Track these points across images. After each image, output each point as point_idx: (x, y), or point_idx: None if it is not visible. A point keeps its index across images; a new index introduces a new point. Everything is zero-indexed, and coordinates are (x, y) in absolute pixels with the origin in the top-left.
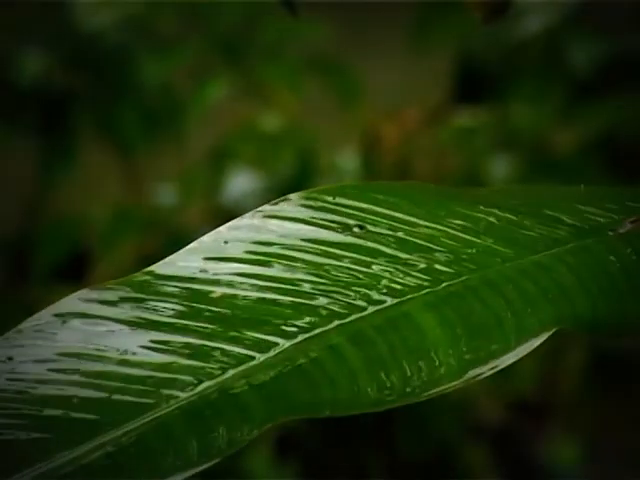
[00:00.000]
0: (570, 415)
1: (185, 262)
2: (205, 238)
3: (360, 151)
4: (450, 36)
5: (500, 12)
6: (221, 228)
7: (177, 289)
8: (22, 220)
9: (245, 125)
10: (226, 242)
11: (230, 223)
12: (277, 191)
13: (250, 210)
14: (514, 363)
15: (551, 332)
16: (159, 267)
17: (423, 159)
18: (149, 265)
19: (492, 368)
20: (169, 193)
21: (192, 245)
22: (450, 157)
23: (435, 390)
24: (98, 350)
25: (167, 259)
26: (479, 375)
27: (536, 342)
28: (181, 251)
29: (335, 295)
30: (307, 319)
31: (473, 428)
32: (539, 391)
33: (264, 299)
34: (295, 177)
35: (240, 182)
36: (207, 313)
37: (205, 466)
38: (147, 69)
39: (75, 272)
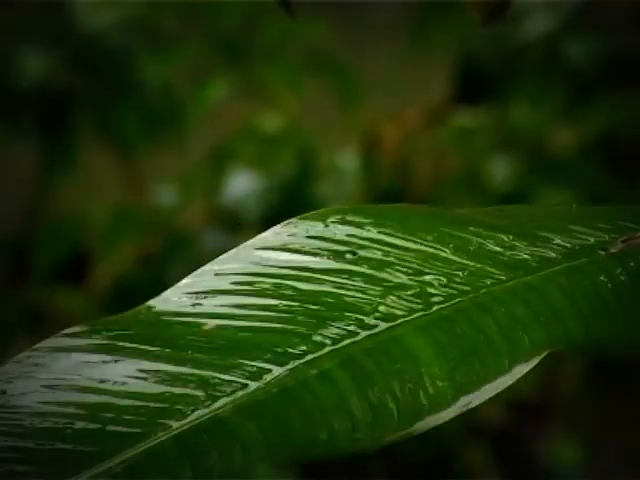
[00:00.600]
0: (570, 415)
1: (177, 297)
2: (197, 272)
3: (360, 151)
4: (450, 36)
5: (499, 12)
6: (213, 261)
7: (170, 323)
8: (22, 220)
9: (245, 125)
10: (217, 275)
11: (222, 256)
12: (277, 192)
13: (250, 211)
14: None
15: (543, 355)
16: (152, 302)
17: (423, 159)
18: (148, 265)
19: (485, 394)
20: (169, 193)
21: (185, 280)
22: (450, 157)
23: (429, 423)
24: (91, 381)
25: (160, 295)
26: (472, 402)
27: (527, 366)
28: (174, 286)
29: (327, 322)
30: (300, 346)
31: (473, 428)
32: (539, 391)
33: (256, 328)
34: (295, 177)
35: (240, 182)
36: (199, 344)
37: None
38: (147, 69)
39: (75, 272)
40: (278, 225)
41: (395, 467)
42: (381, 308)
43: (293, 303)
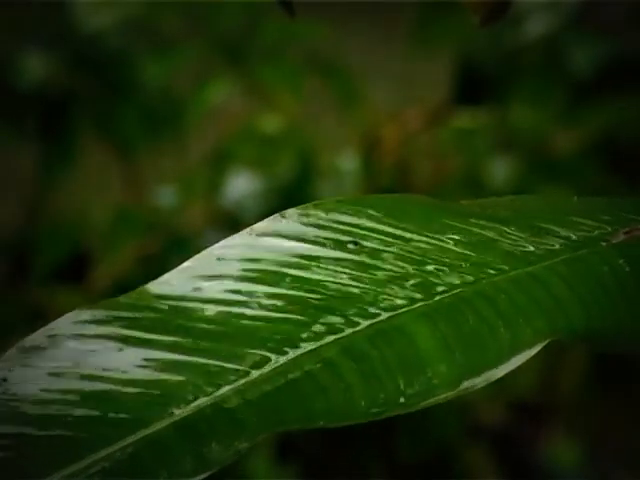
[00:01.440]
0: (570, 416)
1: (178, 280)
2: (199, 256)
3: (360, 152)
4: (450, 37)
5: (499, 13)
6: (215, 246)
7: (170, 308)
8: (23, 221)
9: (245, 126)
10: (219, 260)
11: (223, 241)
12: (277, 193)
13: (250, 211)
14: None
15: (544, 343)
16: (152, 286)
17: (423, 160)
18: (149, 266)
19: (486, 379)
20: (169, 194)
21: (185, 264)
22: (450, 158)
23: (428, 401)
24: (92, 369)
25: (160, 278)
26: (473, 386)
27: (529, 353)
28: (174, 270)
29: (329, 311)
30: (301, 334)
31: (473, 429)
32: (539, 392)
33: (258, 316)
34: (295, 178)
35: (240, 183)
36: (201, 331)
37: (200, 477)
38: (148, 70)
39: (76, 273)
40: (282, 212)
41: (395, 467)
42: (383, 297)
43: (295, 292)
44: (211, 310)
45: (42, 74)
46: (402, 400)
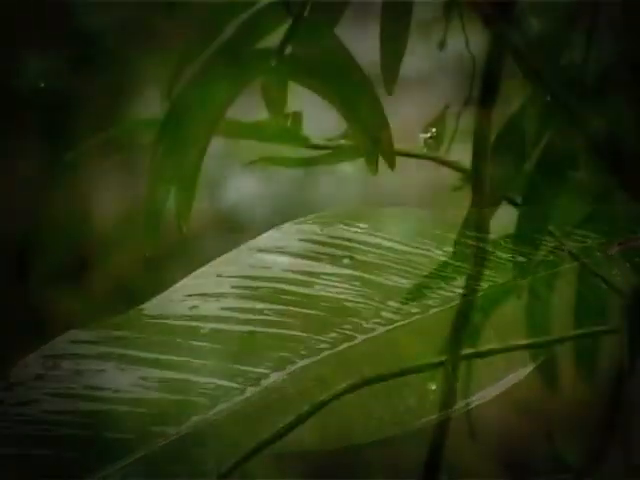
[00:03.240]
0: (570, 416)
1: (176, 299)
2: (196, 274)
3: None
4: (451, 37)
5: (501, 13)
6: (212, 263)
7: (167, 327)
8: (23, 221)
9: (246, 127)
10: (217, 277)
11: (220, 258)
12: (278, 194)
13: (251, 213)
14: None
15: (539, 361)
16: (149, 305)
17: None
18: (149, 267)
19: (480, 397)
20: (170, 195)
21: (182, 282)
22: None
23: (424, 420)
24: (89, 389)
25: (157, 298)
26: (467, 405)
27: (524, 371)
28: (171, 288)
29: (325, 326)
30: (296, 351)
31: (473, 429)
32: (539, 392)
33: (254, 332)
34: (296, 180)
35: (241, 185)
36: (197, 349)
37: None
38: (147, 71)
39: (76, 274)
40: (276, 228)
41: (395, 467)
42: (378, 312)
43: (291, 307)
44: (208, 328)
45: (43, 74)
46: (398, 419)
